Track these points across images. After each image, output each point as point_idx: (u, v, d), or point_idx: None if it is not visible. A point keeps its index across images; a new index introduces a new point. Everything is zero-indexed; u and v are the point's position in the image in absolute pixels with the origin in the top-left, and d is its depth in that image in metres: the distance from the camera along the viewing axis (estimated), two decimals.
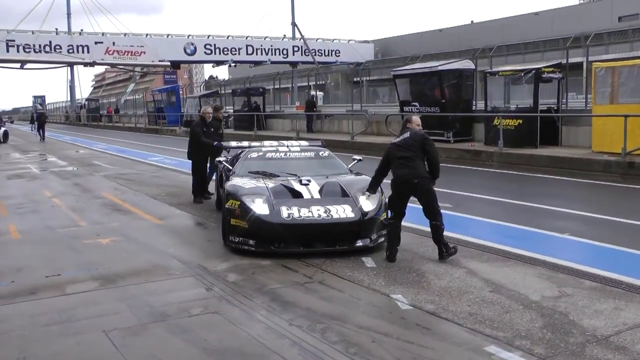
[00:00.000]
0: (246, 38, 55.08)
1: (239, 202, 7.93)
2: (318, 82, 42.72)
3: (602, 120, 16.35)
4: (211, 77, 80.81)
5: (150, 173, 17.35)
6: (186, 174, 13.82)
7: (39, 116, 40.53)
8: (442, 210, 10.89)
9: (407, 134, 7.74)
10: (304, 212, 7.69)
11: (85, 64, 48.72)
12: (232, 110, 38.46)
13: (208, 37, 53.92)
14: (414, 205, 11.55)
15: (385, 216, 8.11)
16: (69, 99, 69.54)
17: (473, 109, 22.26)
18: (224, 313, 5.68)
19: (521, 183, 14.75)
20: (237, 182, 8.65)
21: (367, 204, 7.97)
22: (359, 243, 7.78)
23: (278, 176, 8.97)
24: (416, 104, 22.35)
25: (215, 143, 11.88)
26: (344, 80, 42.55)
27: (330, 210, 7.74)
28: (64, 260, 7.81)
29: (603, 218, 10.07)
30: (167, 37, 53.02)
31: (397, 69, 24.84)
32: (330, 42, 58.49)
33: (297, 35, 56.19)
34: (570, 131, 18.45)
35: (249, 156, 9.99)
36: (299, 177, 8.69)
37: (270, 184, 8.51)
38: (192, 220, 10.45)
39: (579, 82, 23.74)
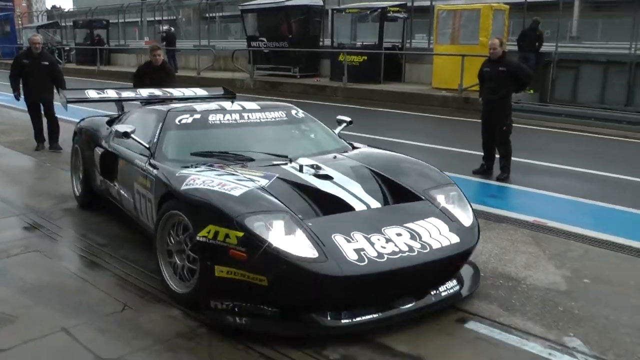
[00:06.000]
0: None
1: (241, 233, 3.73)
2: (169, 18, 41.05)
3: (442, 59, 17.00)
4: (54, 7, 75.29)
5: None
6: (19, 111, 12.67)
7: None
8: None
9: None
10: (381, 245, 3.93)
11: None
12: (73, 44, 36.24)
13: None
14: None
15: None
16: None
17: (320, 45, 22.31)
18: (45, 251, 5.31)
19: (361, 116, 14.94)
20: (197, 179, 4.24)
21: (461, 213, 4.50)
22: (450, 288, 4.31)
23: (253, 159, 4.87)
24: (264, 39, 22.09)
25: (15, 94, 9.89)
26: (196, 16, 41.08)
27: (419, 235, 4.13)
28: None
29: (438, 148, 10.47)
30: None
31: (245, 4, 24.30)
32: None
33: None
34: (413, 69, 18.98)
35: (176, 121, 5.25)
36: (289, 159, 4.89)
37: (259, 179, 4.36)
38: (24, 158, 9.52)
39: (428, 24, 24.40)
